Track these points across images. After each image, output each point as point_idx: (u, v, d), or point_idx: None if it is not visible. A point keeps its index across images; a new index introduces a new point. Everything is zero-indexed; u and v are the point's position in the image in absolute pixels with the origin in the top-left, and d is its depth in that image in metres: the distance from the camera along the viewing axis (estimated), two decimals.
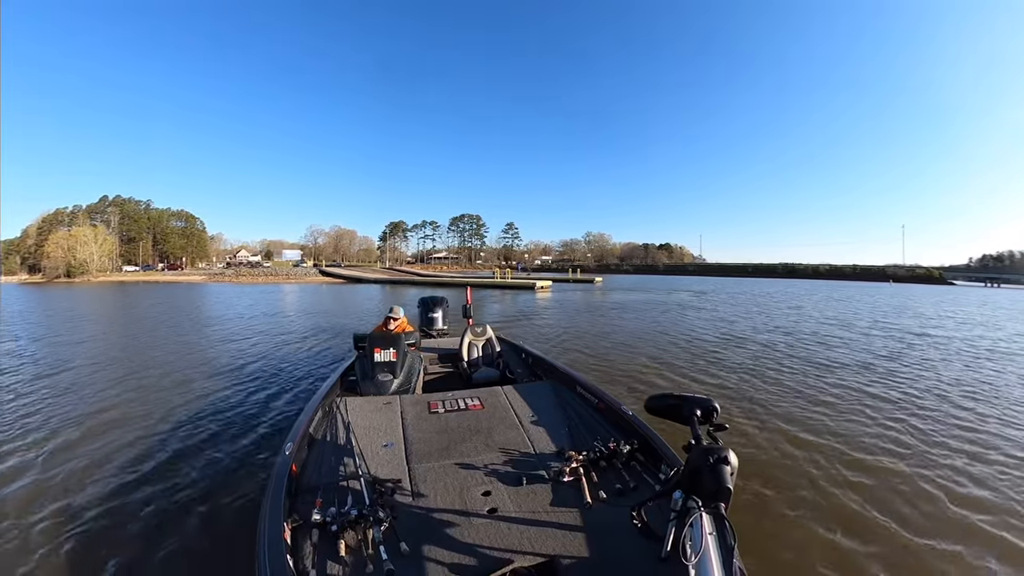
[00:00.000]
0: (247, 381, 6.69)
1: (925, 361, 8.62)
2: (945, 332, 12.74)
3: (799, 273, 76.17)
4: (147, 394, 6.11)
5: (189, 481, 3.58)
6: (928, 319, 16.14)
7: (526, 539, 1.90)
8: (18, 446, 4.32)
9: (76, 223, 73.12)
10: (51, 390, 6.31)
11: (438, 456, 2.62)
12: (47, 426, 4.87)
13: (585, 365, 7.98)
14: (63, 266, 63.10)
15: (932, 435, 4.71)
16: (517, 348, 5.31)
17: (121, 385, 6.58)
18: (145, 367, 7.74)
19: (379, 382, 3.80)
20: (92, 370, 7.55)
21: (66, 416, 5.19)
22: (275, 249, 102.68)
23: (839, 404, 5.75)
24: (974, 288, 51.31)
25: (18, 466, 3.89)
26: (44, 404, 5.66)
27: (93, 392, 6.23)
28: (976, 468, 3.91)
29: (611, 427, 2.96)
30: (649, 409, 1.83)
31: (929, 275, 67.75)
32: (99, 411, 5.39)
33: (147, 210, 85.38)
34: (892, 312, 18.56)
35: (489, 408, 3.26)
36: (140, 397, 5.97)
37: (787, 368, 7.79)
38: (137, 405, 5.62)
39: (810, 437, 4.57)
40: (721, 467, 1.40)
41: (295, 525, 1.92)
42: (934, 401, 5.94)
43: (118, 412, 5.36)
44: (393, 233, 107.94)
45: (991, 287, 56.81)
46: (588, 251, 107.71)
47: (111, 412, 5.35)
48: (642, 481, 2.34)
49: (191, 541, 2.82)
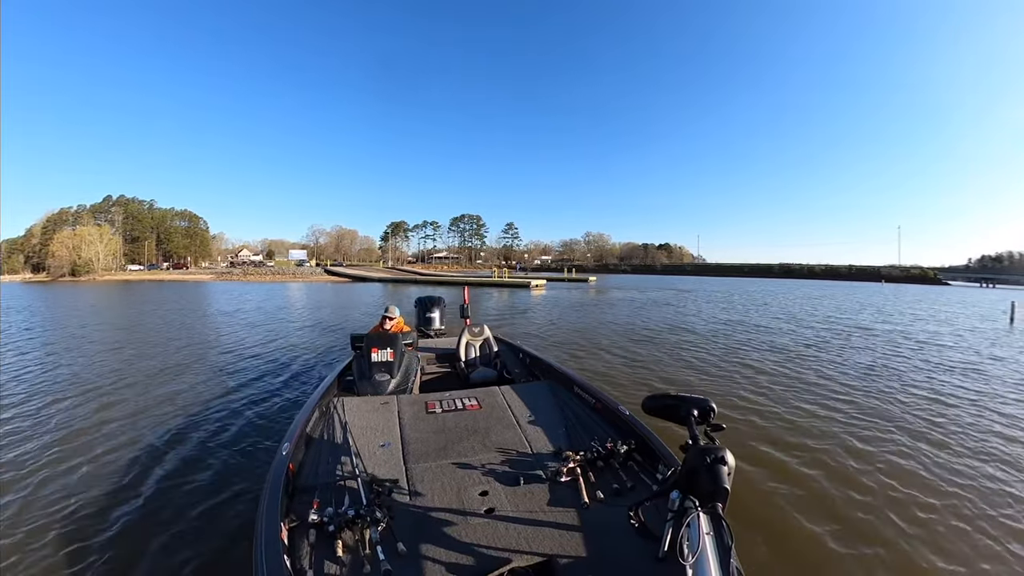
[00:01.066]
0: (252, 378, 6.67)
1: (843, 347, 9.77)
2: (888, 326, 13.77)
3: (795, 273, 76.37)
4: (159, 388, 6.11)
5: (186, 481, 3.55)
6: (888, 315, 17.01)
7: (523, 539, 1.88)
8: (17, 442, 4.30)
9: (80, 223, 73.32)
10: (70, 384, 6.31)
11: (435, 456, 2.59)
12: (51, 423, 4.85)
13: (555, 344, 9.75)
14: (68, 265, 63.24)
15: (806, 406, 5.55)
16: (514, 348, 5.28)
17: (148, 379, 6.62)
18: (166, 361, 7.77)
19: (376, 382, 3.78)
20: (123, 362, 7.57)
21: (81, 409, 5.19)
22: (276, 248, 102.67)
23: (732, 378, 6.96)
24: (967, 288, 51.43)
25: (14, 463, 3.87)
26: (62, 401, 5.65)
27: (117, 386, 6.25)
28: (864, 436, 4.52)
29: (608, 427, 2.94)
30: (646, 409, 1.81)
31: (924, 275, 67.86)
32: (115, 403, 5.41)
33: (151, 210, 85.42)
34: (853, 309, 19.45)
35: (486, 408, 3.23)
36: (159, 391, 5.98)
37: (706, 350, 9.30)
38: (150, 398, 5.63)
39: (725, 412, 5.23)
40: (718, 467, 1.39)
41: (292, 525, 1.90)
42: (827, 382, 6.77)
43: (133, 406, 5.37)
44: (395, 233, 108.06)
45: (986, 287, 56.83)
46: (588, 251, 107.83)
47: (125, 405, 5.35)
48: (639, 481, 2.32)
49: (188, 541, 2.79)
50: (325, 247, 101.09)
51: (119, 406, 5.48)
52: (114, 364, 7.84)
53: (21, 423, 4.87)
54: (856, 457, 4.02)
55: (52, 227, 73.34)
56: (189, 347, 9.57)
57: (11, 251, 75.89)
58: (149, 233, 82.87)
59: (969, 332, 12.72)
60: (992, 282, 65.78)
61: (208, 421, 4.88)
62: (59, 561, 2.62)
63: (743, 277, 69.55)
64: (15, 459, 3.98)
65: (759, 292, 31.38)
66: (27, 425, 4.82)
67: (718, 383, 6.61)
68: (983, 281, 66.97)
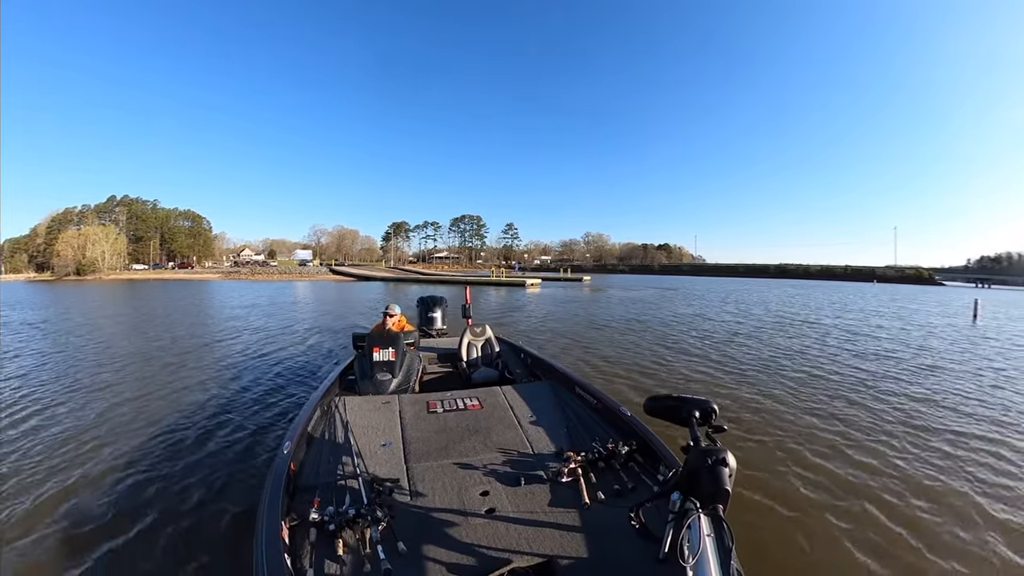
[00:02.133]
0: (256, 376, 6.65)
1: (791, 338, 10.72)
2: (837, 320, 14.84)
3: (790, 273, 76.40)
4: (178, 382, 6.16)
5: (187, 478, 3.52)
6: (846, 312, 17.70)
7: (524, 539, 1.86)
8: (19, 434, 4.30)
9: (85, 222, 73.36)
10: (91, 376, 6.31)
11: (436, 456, 2.57)
12: (63, 413, 4.85)
13: (537, 331, 11.62)
14: (73, 265, 63.29)
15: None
16: (516, 348, 5.24)
17: (164, 373, 6.62)
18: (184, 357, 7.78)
19: (378, 381, 3.74)
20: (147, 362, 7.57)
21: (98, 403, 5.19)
22: (278, 248, 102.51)
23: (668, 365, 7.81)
24: (961, 288, 51.57)
25: (16, 458, 3.86)
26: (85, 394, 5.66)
27: (137, 377, 6.27)
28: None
29: (610, 428, 2.91)
30: (648, 410, 1.79)
31: (919, 276, 67.78)
32: (136, 397, 5.42)
33: (154, 210, 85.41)
34: (815, 306, 20.33)
35: (488, 408, 3.20)
36: (179, 385, 5.99)
37: (643, 335, 11.12)
38: (165, 393, 5.65)
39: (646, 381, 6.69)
40: (719, 468, 1.37)
41: (293, 524, 1.88)
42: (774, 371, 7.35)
43: (143, 403, 5.38)
44: (396, 233, 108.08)
45: (981, 287, 56.83)
46: (587, 251, 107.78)
47: (136, 401, 5.34)
48: (640, 482, 2.29)
49: (188, 539, 2.77)
50: (327, 247, 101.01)
51: (133, 402, 5.47)
52: (129, 360, 7.86)
53: (46, 421, 4.87)
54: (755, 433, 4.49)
55: (57, 227, 73.38)
56: (193, 349, 9.58)
57: (14, 250, 75.83)
58: (153, 233, 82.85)
59: (918, 327, 13.40)
60: (988, 282, 65.76)
61: (210, 419, 4.86)
62: (61, 556, 2.60)
63: (738, 277, 69.67)
64: (28, 449, 3.98)
65: (738, 291, 32.31)
66: (64, 414, 4.84)
67: (640, 358, 8.23)
68: (979, 281, 66.96)
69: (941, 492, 3.42)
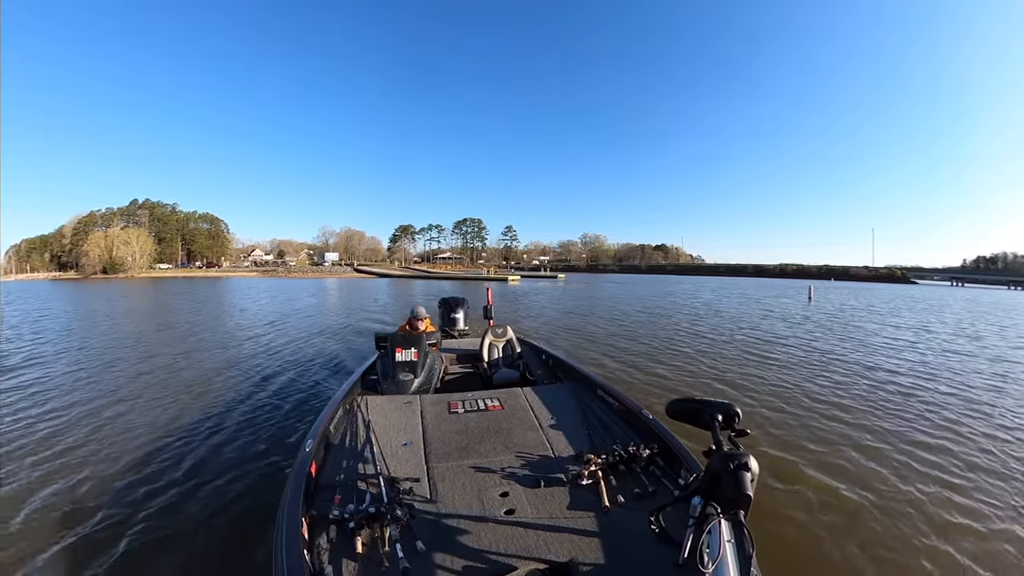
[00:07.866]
0: (279, 372, 6.56)
1: (707, 326, 12.22)
2: (723, 307, 18.02)
3: (767, 272, 77.26)
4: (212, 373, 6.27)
5: (211, 472, 3.44)
6: (782, 307, 18.98)
7: (543, 542, 1.78)
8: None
9: (111, 224, 73.48)
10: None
11: (456, 456, 2.48)
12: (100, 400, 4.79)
13: (500, 296, 16.69)
14: (100, 264, 63.47)
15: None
16: (537, 350, 5.06)
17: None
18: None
19: (400, 381, 3.63)
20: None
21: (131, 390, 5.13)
22: (286, 248, 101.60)
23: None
24: (932, 287, 51.64)
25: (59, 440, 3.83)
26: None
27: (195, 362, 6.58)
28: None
29: (630, 430, 2.79)
30: (670, 413, 1.72)
31: (892, 275, 67.65)
32: (187, 382, 5.74)
33: (174, 212, 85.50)
34: (753, 300, 22.46)
35: (508, 409, 3.09)
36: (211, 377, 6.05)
37: (564, 320, 13.52)
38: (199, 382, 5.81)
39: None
40: (741, 473, 1.29)
41: (313, 520, 1.83)
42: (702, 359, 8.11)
43: (183, 390, 5.53)
44: (403, 235, 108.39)
45: (956, 286, 56.86)
46: (584, 252, 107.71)
47: (187, 388, 5.41)
48: (661, 486, 2.19)
49: (210, 532, 2.70)
50: (335, 247, 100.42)
51: (171, 397, 5.44)
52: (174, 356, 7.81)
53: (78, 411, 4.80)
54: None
55: (83, 228, 73.43)
56: (213, 348, 9.53)
57: (30, 249, 75.42)
58: (174, 234, 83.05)
59: (775, 308, 18.13)
60: (962, 281, 65.71)
61: (235, 415, 4.76)
62: (82, 548, 2.53)
63: (716, 276, 70.47)
64: (50, 435, 3.97)
65: (695, 288, 34.19)
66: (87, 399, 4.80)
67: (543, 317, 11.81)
68: (954, 280, 66.93)
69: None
